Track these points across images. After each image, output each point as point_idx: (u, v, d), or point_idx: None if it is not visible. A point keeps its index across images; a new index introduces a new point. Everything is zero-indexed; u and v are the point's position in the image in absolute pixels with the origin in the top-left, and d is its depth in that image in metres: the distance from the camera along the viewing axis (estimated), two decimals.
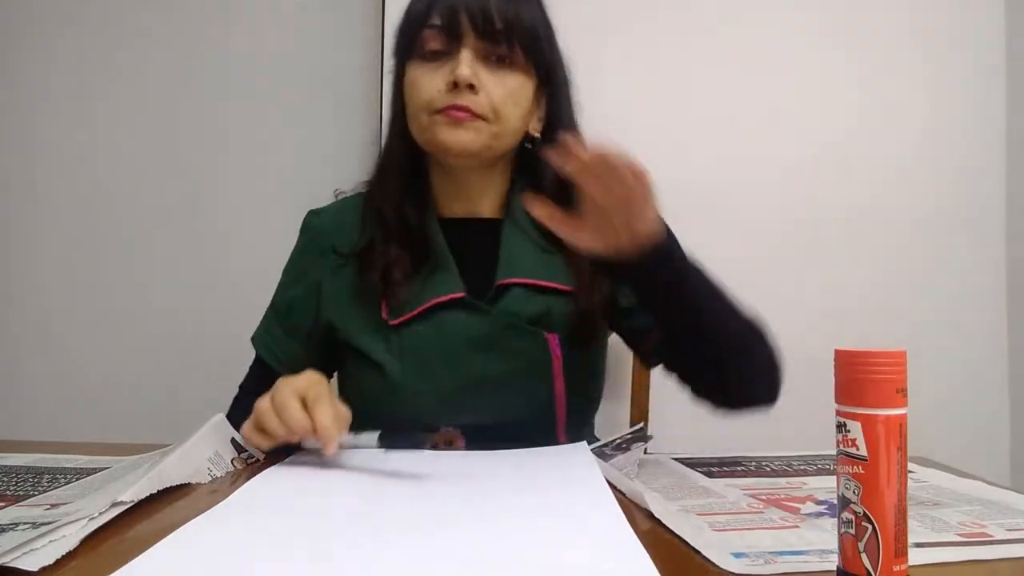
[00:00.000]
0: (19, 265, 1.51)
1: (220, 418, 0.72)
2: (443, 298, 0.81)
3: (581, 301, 0.82)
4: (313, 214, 0.94)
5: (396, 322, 0.82)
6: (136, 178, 1.50)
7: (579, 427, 0.87)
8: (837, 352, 0.40)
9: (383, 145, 0.90)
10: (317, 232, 0.92)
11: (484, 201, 0.88)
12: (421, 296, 0.82)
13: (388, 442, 0.61)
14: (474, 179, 0.86)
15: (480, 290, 0.83)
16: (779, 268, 1.40)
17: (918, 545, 0.44)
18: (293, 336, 0.90)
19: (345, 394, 0.88)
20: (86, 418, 1.45)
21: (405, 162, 0.86)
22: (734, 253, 1.40)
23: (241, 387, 0.94)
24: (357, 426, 0.81)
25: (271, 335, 0.91)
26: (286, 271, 0.93)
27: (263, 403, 0.67)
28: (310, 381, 0.69)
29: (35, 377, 1.49)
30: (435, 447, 0.80)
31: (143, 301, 1.49)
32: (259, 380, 0.93)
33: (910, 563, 0.39)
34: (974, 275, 1.43)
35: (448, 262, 0.84)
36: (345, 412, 0.71)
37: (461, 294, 0.82)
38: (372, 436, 0.61)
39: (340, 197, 0.95)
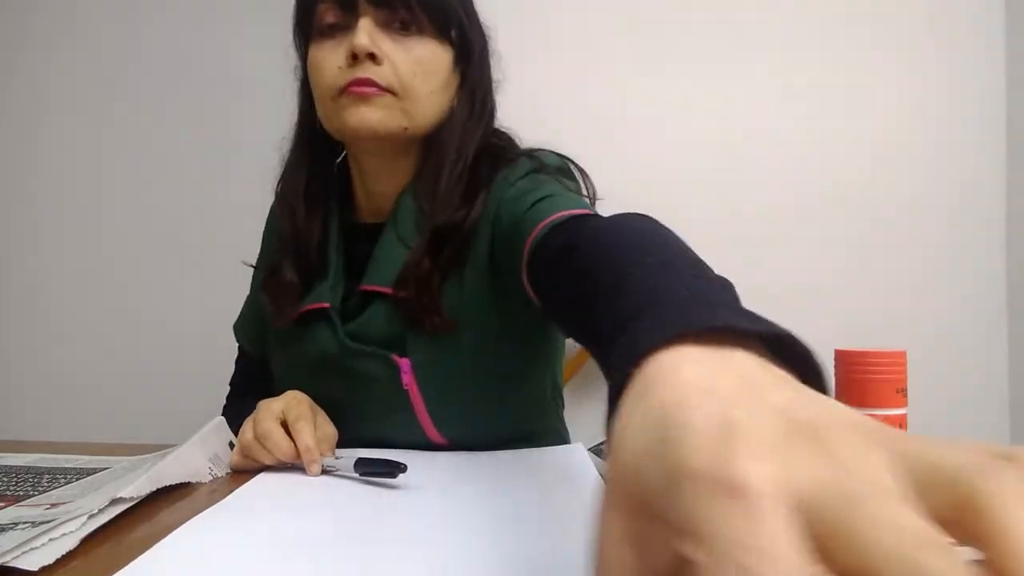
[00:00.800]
0: (19, 265, 1.50)
1: (220, 419, 0.72)
2: (310, 307, 0.76)
3: (401, 306, 0.72)
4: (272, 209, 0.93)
5: (279, 326, 0.79)
6: (135, 178, 1.50)
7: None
8: (837, 352, 0.40)
9: (291, 142, 0.83)
10: (271, 223, 0.91)
11: (393, 196, 0.79)
12: (299, 305, 0.78)
13: (363, 469, 0.61)
14: (390, 175, 0.77)
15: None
16: (778, 268, 1.40)
17: None
18: (262, 320, 0.86)
19: None
20: (86, 418, 1.45)
21: (315, 160, 0.80)
22: (732, 252, 1.40)
23: (231, 384, 0.93)
24: None
25: (245, 320, 0.91)
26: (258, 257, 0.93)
27: (246, 435, 0.65)
28: (289, 402, 0.68)
29: (35, 377, 1.48)
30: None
31: (143, 301, 1.49)
32: (243, 371, 0.93)
33: None
34: (974, 275, 1.42)
35: (330, 271, 0.78)
36: (331, 431, 0.69)
37: (325, 304, 0.75)
38: (350, 461, 0.62)
39: None
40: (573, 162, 0.78)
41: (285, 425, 0.66)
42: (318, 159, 0.81)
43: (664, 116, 1.41)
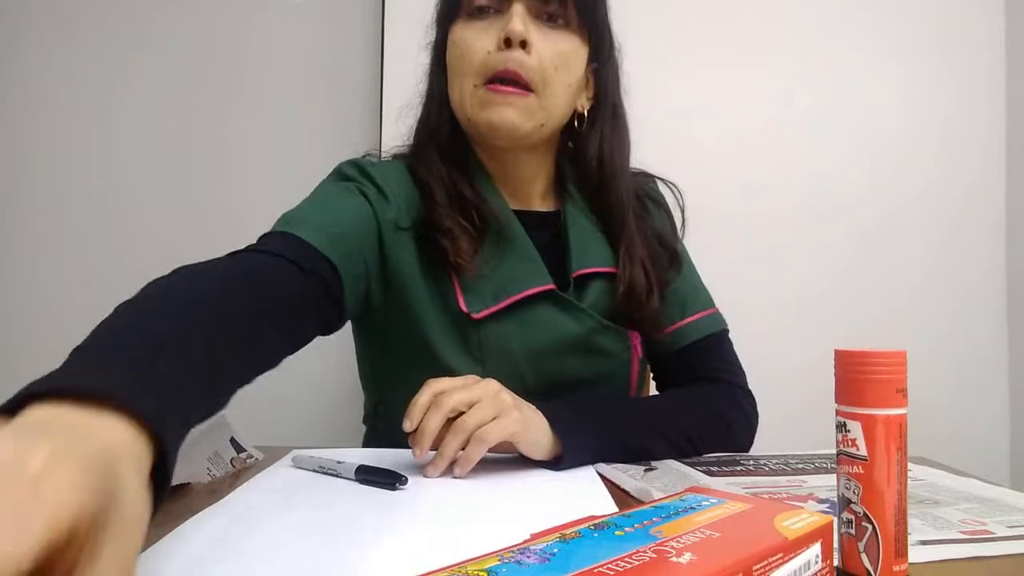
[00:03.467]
0: (20, 264, 1.50)
1: (220, 418, 0.72)
2: (533, 291, 0.74)
3: (625, 280, 0.78)
4: (369, 163, 0.79)
5: (478, 316, 0.73)
6: (136, 179, 1.50)
7: None
8: (837, 352, 0.40)
9: (419, 117, 0.81)
10: (380, 181, 0.75)
11: (534, 185, 0.82)
12: (506, 287, 0.74)
13: (363, 476, 0.60)
14: (523, 164, 0.80)
15: (557, 284, 0.76)
16: (779, 268, 1.40)
17: (923, 543, 0.44)
18: (340, 243, 0.68)
19: (386, 386, 0.81)
20: None
21: (449, 130, 0.78)
22: (734, 253, 1.40)
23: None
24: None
25: (330, 234, 0.67)
26: (334, 188, 0.75)
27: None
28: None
29: (35, 377, 1.48)
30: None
31: None
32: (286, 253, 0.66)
33: (915, 560, 0.39)
34: (974, 275, 1.42)
35: (529, 249, 0.76)
36: None
37: (551, 286, 0.75)
38: (351, 467, 0.61)
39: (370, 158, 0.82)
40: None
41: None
42: (451, 138, 0.78)
43: (664, 119, 1.40)
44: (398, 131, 0.85)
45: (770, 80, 1.41)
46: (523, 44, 0.70)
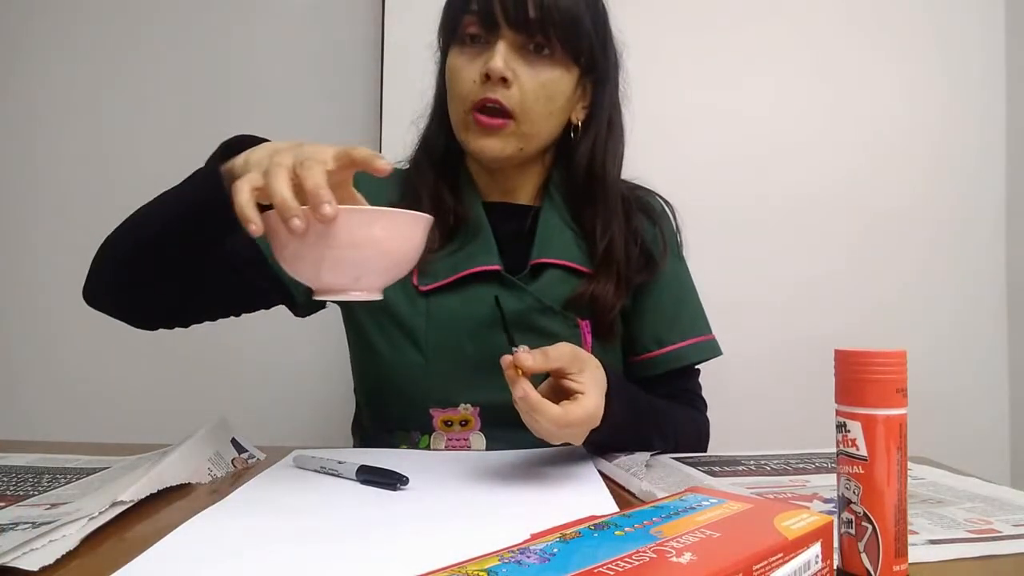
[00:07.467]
0: (19, 265, 1.50)
1: (220, 418, 0.72)
2: (477, 269, 0.80)
3: (596, 284, 0.81)
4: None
5: (427, 288, 0.80)
6: (135, 180, 1.50)
7: None
8: (837, 352, 0.40)
9: (425, 123, 0.88)
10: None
11: (521, 190, 0.87)
12: (457, 266, 0.80)
13: (366, 477, 0.61)
14: (511, 172, 0.85)
15: (514, 269, 0.82)
16: (779, 268, 1.40)
17: (932, 542, 0.44)
18: None
19: (361, 366, 0.87)
20: (86, 418, 1.45)
21: (444, 143, 0.85)
22: (735, 254, 1.40)
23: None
24: (369, 402, 0.86)
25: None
26: None
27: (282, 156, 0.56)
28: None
29: (35, 377, 1.48)
30: (448, 425, 0.81)
31: None
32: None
33: (925, 560, 0.39)
34: (974, 275, 1.42)
35: (487, 236, 0.82)
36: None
37: (497, 267, 0.80)
38: (352, 467, 0.62)
39: None
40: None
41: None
42: (447, 145, 0.85)
43: (662, 115, 1.40)
44: (397, 134, 0.90)
45: (768, 79, 1.41)
46: (503, 80, 0.74)
